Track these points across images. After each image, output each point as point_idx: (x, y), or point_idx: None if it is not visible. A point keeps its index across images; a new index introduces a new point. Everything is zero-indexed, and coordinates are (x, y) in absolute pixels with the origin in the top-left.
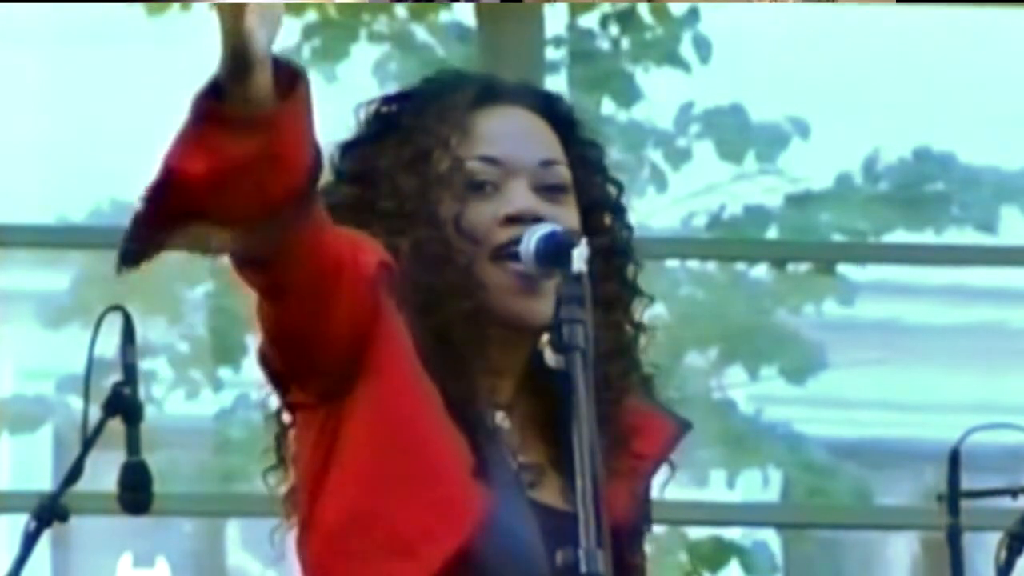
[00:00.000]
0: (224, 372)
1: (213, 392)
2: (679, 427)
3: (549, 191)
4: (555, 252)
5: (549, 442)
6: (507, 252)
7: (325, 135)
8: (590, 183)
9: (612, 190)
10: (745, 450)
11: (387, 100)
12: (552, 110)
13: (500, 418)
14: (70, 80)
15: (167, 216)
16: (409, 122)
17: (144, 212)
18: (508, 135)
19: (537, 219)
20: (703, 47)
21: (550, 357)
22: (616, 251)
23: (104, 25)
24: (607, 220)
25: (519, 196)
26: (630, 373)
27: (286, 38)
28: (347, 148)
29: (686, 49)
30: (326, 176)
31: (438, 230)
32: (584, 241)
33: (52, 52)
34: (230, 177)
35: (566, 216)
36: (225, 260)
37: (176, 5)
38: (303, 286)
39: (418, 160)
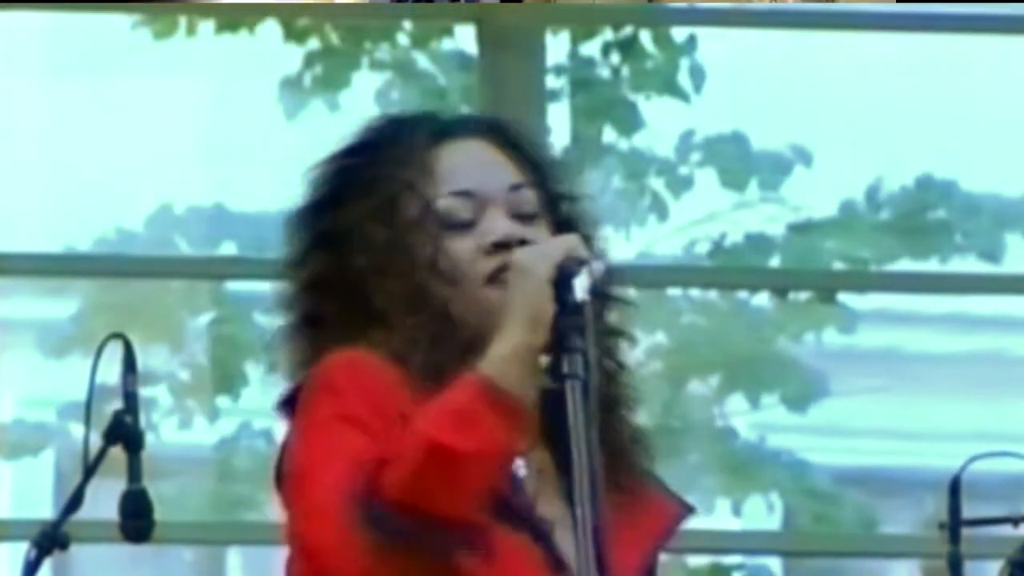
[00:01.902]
0: (224, 401)
1: (214, 420)
2: (684, 510)
3: (524, 218)
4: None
5: (564, 492)
6: (501, 278)
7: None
8: (555, 205)
9: (578, 211)
10: (747, 478)
11: (342, 155)
12: (507, 137)
13: (517, 465)
14: (76, 108)
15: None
16: (370, 173)
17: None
18: (474, 167)
19: (523, 242)
20: (698, 76)
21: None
22: None
23: (111, 53)
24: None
25: (499, 223)
26: (630, 416)
27: (287, 66)
28: (311, 211)
29: (685, 78)
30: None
31: (412, 277)
32: (586, 270)
33: (58, 80)
34: (492, 463)
35: (544, 239)
36: (227, 288)
37: (182, 31)
38: None
39: (385, 209)
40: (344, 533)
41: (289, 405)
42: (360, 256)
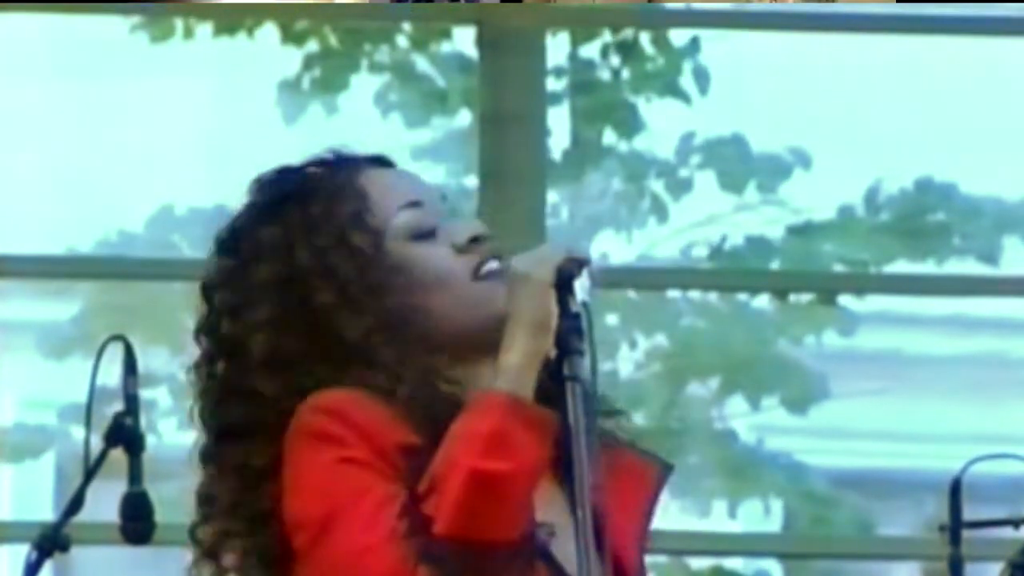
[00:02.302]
0: None
1: None
2: (663, 470)
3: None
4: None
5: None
6: (487, 271)
7: None
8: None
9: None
10: (746, 480)
11: (264, 212)
12: (388, 162)
13: None
14: (77, 111)
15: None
16: (304, 217)
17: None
18: (402, 183)
19: (488, 236)
20: (702, 78)
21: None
22: None
23: (110, 56)
24: None
25: (460, 223)
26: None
27: (286, 68)
28: (247, 265)
29: (686, 80)
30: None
31: (383, 303)
32: (585, 272)
33: (59, 83)
34: (532, 478)
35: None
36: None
37: (179, 35)
38: None
39: (341, 243)
40: (403, 571)
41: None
42: (325, 292)
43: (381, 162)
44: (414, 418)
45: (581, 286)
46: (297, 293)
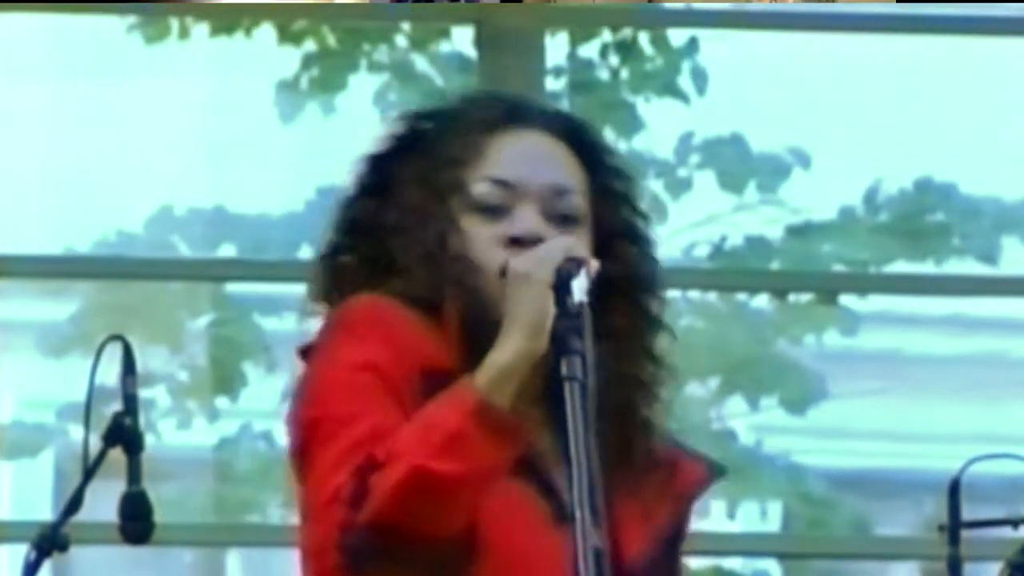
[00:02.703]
0: (223, 402)
1: (213, 422)
2: (710, 470)
3: (560, 220)
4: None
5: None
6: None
7: (325, 164)
8: (610, 212)
9: (635, 220)
10: (745, 480)
11: (418, 116)
12: (578, 137)
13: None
14: (76, 111)
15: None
16: (431, 138)
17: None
18: (523, 158)
19: (539, 241)
20: (700, 78)
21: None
22: (633, 282)
23: (109, 56)
24: (625, 250)
25: (527, 219)
26: (648, 407)
27: (284, 68)
28: (371, 160)
29: (685, 80)
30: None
31: (427, 244)
32: (584, 272)
33: (56, 82)
34: (482, 482)
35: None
36: (227, 290)
37: (175, 35)
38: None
39: (427, 176)
40: (326, 547)
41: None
42: (393, 211)
43: (548, 124)
44: (455, 339)
45: (579, 286)
46: (380, 201)
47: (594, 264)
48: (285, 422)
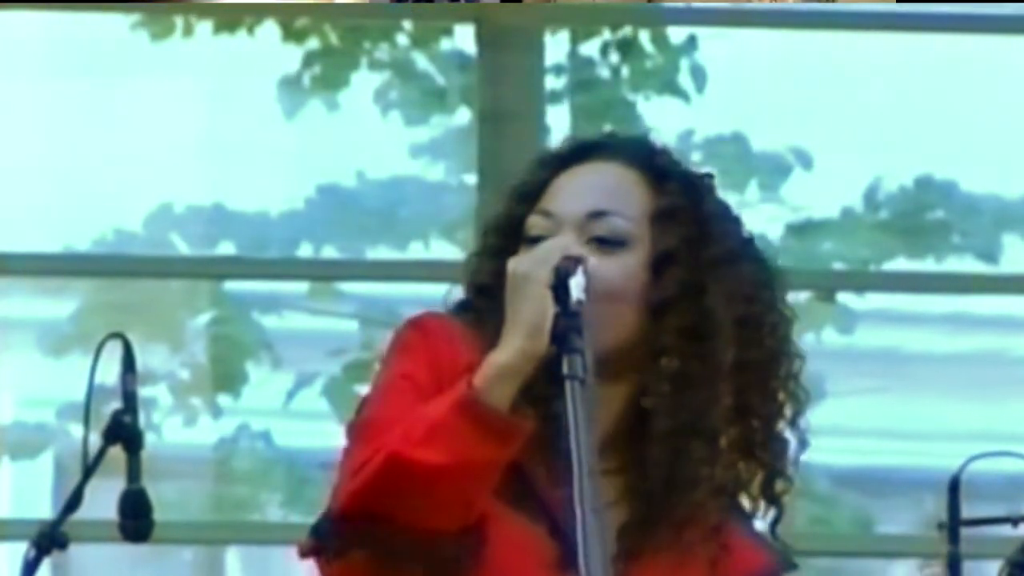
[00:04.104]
0: (224, 400)
1: (213, 420)
2: (773, 564)
3: (600, 242)
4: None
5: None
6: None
7: (327, 161)
8: (666, 234)
9: (701, 239)
10: None
11: (532, 164)
12: (650, 162)
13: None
14: (75, 108)
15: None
16: (524, 181)
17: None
18: (572, 187)
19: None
20: (700, 77)
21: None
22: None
23: (109, 54)
24: (676, 272)
25: (550, 243)
26: (702, 447)
27: (286, 66)
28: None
29: (685, 78)
30: None
31: (489, 280)
32: (581, 270)
33: (56, 80)
34: (465, 476)
35: (612, 267)
36: (226, 288)
37: (178, 33)
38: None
39: (508, 216)
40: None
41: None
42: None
43: (615, 152)
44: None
45: (577, 284)
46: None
47: (592, 261)
48: None
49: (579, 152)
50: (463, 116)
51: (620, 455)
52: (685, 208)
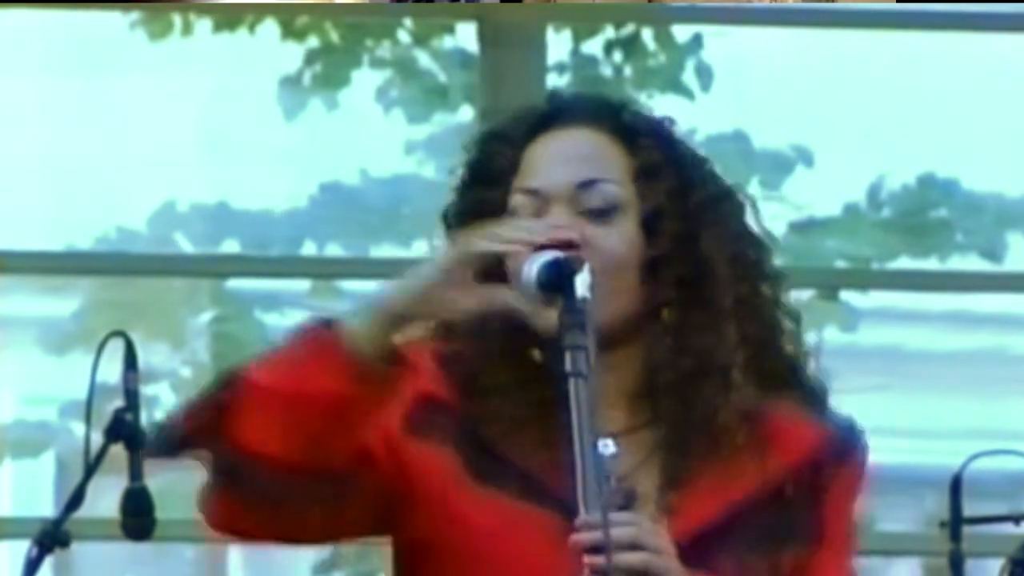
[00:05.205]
0: None
1: None
2: (828, 433)
3: (595, 213)
4: (557, 279)
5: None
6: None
7: (328, 160)
8: (651, 192)
9: (684, 188)
10: None
11: (473, 142)
12: (616, 122)
13: (604, 444)
14: (78, 107)
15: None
16: (482, 161)
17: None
18: (548, 162)
19: (570, 244)
20: (704, 75)
21: None
22: (677, 257)
23: (110, 52)
24: (667, 226)
25: (556, 221)
26: (721, 372)
27: (287, 64)
28: (452, 194)
29: (688, 76)
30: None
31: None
32: (587, 268)
33: (59, 79)
34: (300, 404)
35: (612, 236)
36: (228, 286)
37: (178, 31)
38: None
39: (480, 200)
40: None
41: None
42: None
43: (582, 117)
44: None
45: (582, 281)
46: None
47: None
48: None
49: (542, 122)
50: (465, 114)
51: (646, 411)
52: (663, 162)
